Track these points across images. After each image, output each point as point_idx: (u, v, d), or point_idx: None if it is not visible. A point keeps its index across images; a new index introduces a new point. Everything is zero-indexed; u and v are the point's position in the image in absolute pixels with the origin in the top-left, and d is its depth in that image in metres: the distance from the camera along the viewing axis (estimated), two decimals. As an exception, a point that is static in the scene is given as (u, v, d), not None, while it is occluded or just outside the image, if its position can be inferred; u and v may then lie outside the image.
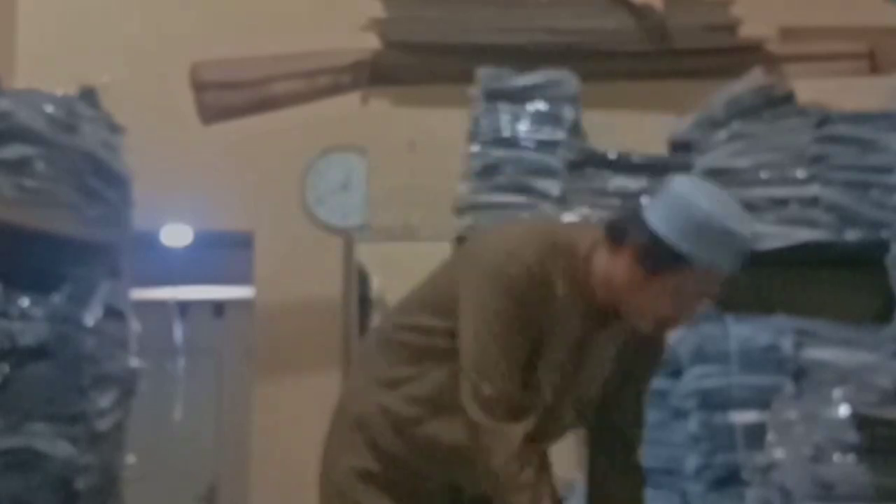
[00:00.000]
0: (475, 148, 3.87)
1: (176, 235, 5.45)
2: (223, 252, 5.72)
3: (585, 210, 3.77)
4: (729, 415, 3.50)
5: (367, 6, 4.18)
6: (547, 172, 3.81)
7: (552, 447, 2.55)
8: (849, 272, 3.76)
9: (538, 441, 2.43)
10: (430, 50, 4.22)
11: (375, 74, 4.27)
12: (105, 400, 3.26)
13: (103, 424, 3.24)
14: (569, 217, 3.77)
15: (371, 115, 4.26)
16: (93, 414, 3.18)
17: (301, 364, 5.09)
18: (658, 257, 2.38)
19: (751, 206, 3.66)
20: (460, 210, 3.85)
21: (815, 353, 3.50)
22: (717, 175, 3.70)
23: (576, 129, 3.89)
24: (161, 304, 7.00)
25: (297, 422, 4.69)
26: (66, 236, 3.32)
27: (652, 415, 3.65)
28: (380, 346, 2.57)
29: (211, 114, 4.22)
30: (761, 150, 3.70)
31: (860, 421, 2.92)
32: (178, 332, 7.46)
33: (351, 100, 4.26)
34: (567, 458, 3.92)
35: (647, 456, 3.63)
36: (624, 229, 2.43)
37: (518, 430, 2.38)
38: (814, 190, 3.64)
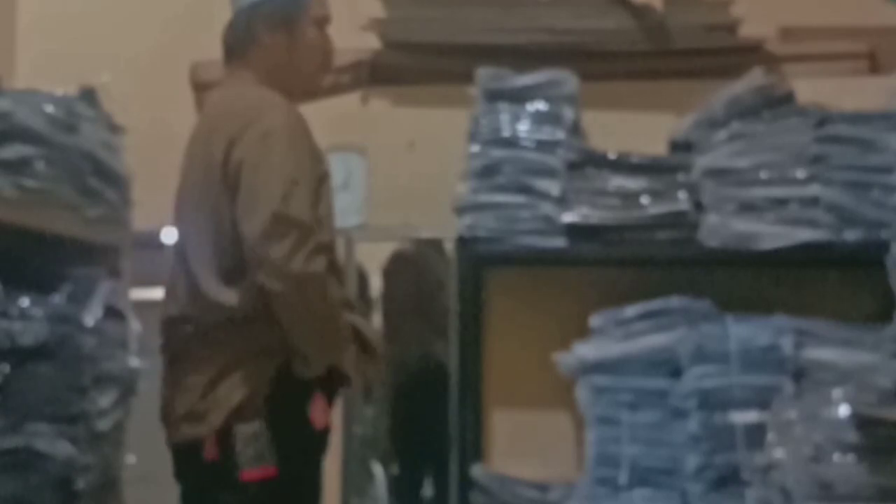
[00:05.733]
0: (475, 148, 3.87)
1: (176, 235, 5.41)
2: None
3: (585, 210, 3.77)
4: (729, 415, 3.50)
5: (367, 6, 4.18)
6: (547, 172, 3.81)
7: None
8: (849, 272, 3.77)
9: None
10: (430, 50, 4.21)
11: (375, 74, 4.27)
12: (105, 400, 3.25)
13: (103, 424, 3.24)
14: (569, 217, 3.77)
15: (371, 114, 4.25)
16: (93, 414, 3.18)
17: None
18: (279, 16, 2.86)
19: (751, 206, 3.67)
20: (460, 210, 3.85)
21: (815, 353, 3.50)
22: (717, 175, 3.71)
23: (576, 129, 3.89)
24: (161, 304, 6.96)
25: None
26: (66, 236, 3.31)
27: (652, 415, 3.67)
28: None
29: (211, 114, 4.20)
30: (761, 150, 3.70)
31: (860, 421, 2.92)
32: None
33: (351, 100, 4.25)
34: (567, 457, 3.93)
35: (647, 456, 3.65)
36: (240, 34, 2.88)
37: None
38: (814, 190, 3.64)
